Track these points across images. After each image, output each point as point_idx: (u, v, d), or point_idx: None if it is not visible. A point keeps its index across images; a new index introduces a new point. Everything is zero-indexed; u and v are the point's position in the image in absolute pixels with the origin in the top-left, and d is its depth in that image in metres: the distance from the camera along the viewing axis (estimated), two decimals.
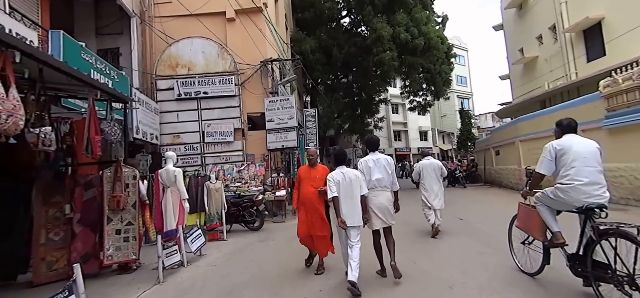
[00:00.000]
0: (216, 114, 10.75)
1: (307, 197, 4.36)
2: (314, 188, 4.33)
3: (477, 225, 7.00)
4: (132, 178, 5.28)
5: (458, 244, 5.51)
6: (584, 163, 3.13)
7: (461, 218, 7.68)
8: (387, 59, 15.17)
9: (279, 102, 9.86)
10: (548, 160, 3.37)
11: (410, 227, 6.94)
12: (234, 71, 10.85)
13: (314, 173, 4.47)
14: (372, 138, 4.46)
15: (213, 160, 10.66)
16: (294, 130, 9.64)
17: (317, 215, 4.31)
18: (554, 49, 15.59)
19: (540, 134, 12.07)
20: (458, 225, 7.01)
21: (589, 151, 3.20)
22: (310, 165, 4.64)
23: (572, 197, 3.10)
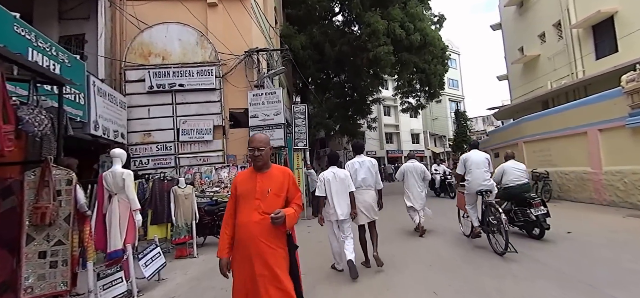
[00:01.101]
0: (193, 109, 9.50)
1: (247, 234, 2.25)
2: (260, 215, 2.26)
3: None
4: (66, 183, 4.01)
5: (440, 240, 6.15)
6: (477, 167, 5.36)
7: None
8: (384, 53, 14.28)
9: (265, 96, 8.70)
10: (461, 166, 5.64)
11: (397, 224, 7.58)
12: (215, 62, 9.64)
13: (263, 183, 2.35)
14: (358, 142, 5.09)
15: (189, 162, 9.40)
16: (281, 127, 8.48)
17: (266, 268, 2.21)
18: (558, 46, 14.89)
19: (548, 134, 11.26)
20: (445, 226, 7.22)
21: (480, 160, 5.41)
22: (255, 167, 2.44)
23: (472, 186, 5.36)
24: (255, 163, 2.40)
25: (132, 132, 9.18)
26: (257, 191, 2.31)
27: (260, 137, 2.45)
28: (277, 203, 2.32)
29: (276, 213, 2.19)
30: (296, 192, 2.46)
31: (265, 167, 2.43)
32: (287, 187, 2.40)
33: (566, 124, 10.42)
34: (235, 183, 2.49)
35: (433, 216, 7.02)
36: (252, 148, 2.39)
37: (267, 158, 2.42)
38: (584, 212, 8.28)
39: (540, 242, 5.44)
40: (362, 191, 4.50)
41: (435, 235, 6.48)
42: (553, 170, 10.91)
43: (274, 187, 2.35)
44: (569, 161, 10.36)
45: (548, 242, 5.45)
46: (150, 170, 9.08)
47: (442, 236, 6.37)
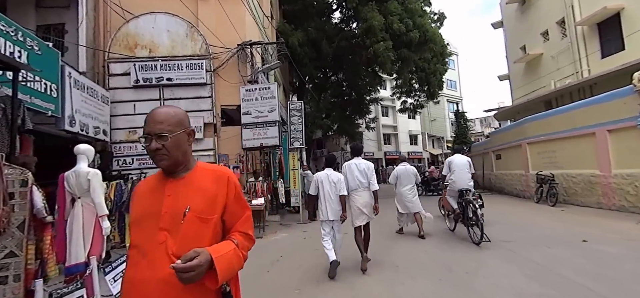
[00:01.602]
0: (183, 105, 8.89)
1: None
2: (169, 260, 1.13)
3: None
4: (21, 184, 3.45)
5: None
6: (459, 168, 6.27)
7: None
8: (382, 49, 13.77)
9: (258, 91, 8.17)
10: (446, 168, 6.55)
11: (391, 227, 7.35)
12: (206, 55, 9.09)
13: (176, 198, 1.24)
14: (357, 145, 5.18)
15: None
16: (275, 125, 7.96)
17: None
18: (562, 45, 14.51)
19: (553, 135, 10.83)
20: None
21: (463, 163, 6.35)
22: (165, 172, 1.31)
23: (455, 185, 6.24)
24: (156, 162, 1.27)
25: (116, 129, 8.61)
26: (163, 214, 1.21)
27: (161, 114, 1.28)
28: (200, 235, 1.21)
29: (189, 258, 1.06)
30: (242, 211, 1.36)
31: (178, 168, 1.30)
32: (224, 203, 1.29)
33: (573, 125, 9.99)
34: (134, 200, 1.37)
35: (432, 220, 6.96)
36: (146, 133, 1.26)
37: (177, 153, 1.27)
38: (594, 217, 7.84)
39: (558, 253, 4.97)
40: (359, 192, 4.68)
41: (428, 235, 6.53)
42: (558, 173, 10.47)
43: (197, 202, 1.24)
44: (575, 163, 9.93)
45: (565, 252, 4.98)
46: (135, 170, 8.50)
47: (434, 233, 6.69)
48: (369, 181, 4.67)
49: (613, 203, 8.45)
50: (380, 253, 5.31)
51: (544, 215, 8.33)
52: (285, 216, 10.01)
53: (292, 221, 9.23)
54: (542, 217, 8.07)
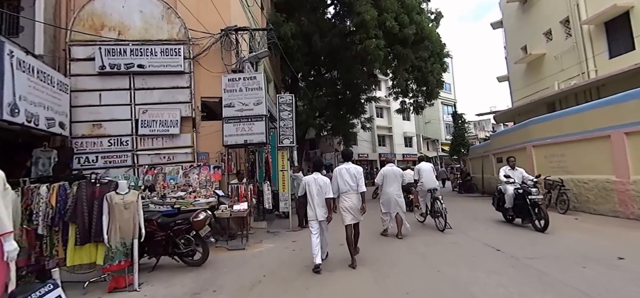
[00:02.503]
0: (156, 96, 7.90)
1: None
2: None
3: None
4: None
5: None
6: (426, 173, 7.56)
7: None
8: (372, 47, 12.92)
9: (243, 81, 7.16)
10: (416, 174, 7.69)
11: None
12: (185, 40, 8.07)
13: None
14: (347, 151, 5.64)
15: (150, 160, 7.77)
16: (262, 119, 6.96)
17: None
18: (567, 45, 13.88)
19: (562, 138, 10.09)
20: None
21: (429, 168, 7.72)
22: None
23: (425, 186, 7.47)
24: None
25: (77, 122, 7.52)
26: None
27: None
28: None
29: None
30: None
31: None
32: None
33: (584, 127, 9.27)
34: None
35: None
36: None
37: None
38: (615, 227, 7.07)
39: (599, 276, 4.10)
40: (349, 194, 4.99)
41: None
42: (568, 178, 9.74)
43: None
44: (587, 168, 9.20)
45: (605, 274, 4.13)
46: (99, 169, 7.42)
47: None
48: (357, 184, 5.01)
49: (632, 212, 7.71)
50: (365, 251, 5.54)
51: (559, 224, 7.52)
52: (273, 222, 9.02)
53: (280, 228, 8.24)
54: (558, 227, 7.26)
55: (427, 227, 7.48)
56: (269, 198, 7.51)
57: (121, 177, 6.82)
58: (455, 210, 10.38)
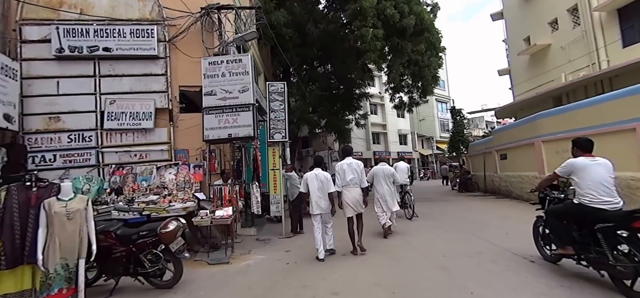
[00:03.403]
0: (126, 84, 6.80)
1: None
2: None
3: None
4: None
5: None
6: (400, 171, 8.37)
7: None
8: (369, 36, 12.05)
9: (226, 65, 6.11)
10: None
11: None
12: (158, 20, 6.99)
13: None
14: (347, 147, 5.76)
15: (118, 159, 6.67)
16: (249, 109, 5.93)
17: None
18: (574, 34, 13.18)
19: (576, 131, 9.28)
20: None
21: (404, 167, 8.79)
22: None
23: (398, 181, 7.24)
24: None
25: (30, 115, 6.38)
26: None
27: None
28: None
29: None
30: None
31: None
32: None
33: (602, 119, 8.52)
34: None
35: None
36: None
37: None
38: None
39: None
40: (350, 188, 5.20)
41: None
42: None
43: None
44: None
45: None
46: (57, 169, 6.31)
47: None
48: (359, 178, 5.24)
49: None
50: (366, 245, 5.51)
51: None
52: (263, 228, 8.01)
53: (271, 234, 7.25)
54: None
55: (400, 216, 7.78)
56: (257, 202, 6.47)
57: (82, 179, 5.75)
58: (457, 220, 9.48)
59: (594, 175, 3.54)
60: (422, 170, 35.51)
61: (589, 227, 3.50)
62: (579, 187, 3.61)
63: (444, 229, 7.13)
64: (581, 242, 3.61)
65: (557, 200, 4.28)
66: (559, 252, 3.94)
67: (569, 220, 3.79)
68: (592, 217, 3.44)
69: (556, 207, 4.10)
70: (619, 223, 3.21)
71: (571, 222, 3.76)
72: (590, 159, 3.73)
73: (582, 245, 3.58)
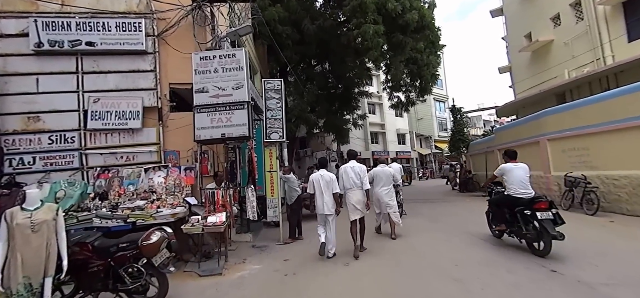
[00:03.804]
0: (111, 81, 6.36)
1: None
2: None
3: None
4: None
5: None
6: (394, 171, 7.34)
7: None
8: (371, 33, 11.67)
9: (218, 60, 5.68)
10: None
11: None
12: (146, 12, 6.56)
13: None
14: (351, 151, 5.98)
15: (103, 161, 6.23)
16: (244, 107, 5.51)
17: None
18: (578, 29, 12.88)
19: (584, 129, 9.02)
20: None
21: (397, 167, 9.13)
22: None
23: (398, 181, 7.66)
24: None
25: (7, 115, 5.93)
26: None
27: None
28: None
29: None
30: None
31: None
32: None
33: (613, 115, 8.21)
34: None
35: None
36: None
37: None
38: None
39: None
40: (354, 191, 5.35)
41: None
42: (593, 174, 8.66)
43: None
44: (618, 163, 8.14)
45: None
46: (37, 173, 5.86)
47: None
48: (361, 181, 5.33)
49: None
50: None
51: (598, 230, 6.40)
52: (259, 233, 7.59)
53: (268, 240, 6.83)
54: (599, 233, 6.12)
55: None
56: (253, 207, 6.04)
57: (62, 183, 5.30)
58: (461, 221, 9.13)
59: (516, 175, 5.04)
60: (420, 169, 35.18)
61: (513, 210, 5.04)
62: (507, 183, 5.13)
63: (448, 232, 6.77)
64: (510, 220, 5.17)
65: (497, 192, 5.86)
66: (498, 229, 5.61)
67: (502, 206, 5.34)
68: (514, 203, 4.99)
69: (495, 197, 5.76)
70: (527, 206, 4.79)
71: (503, 207, 5.31)
72: (514, 164, 5.19)
73: (510, 223, 5.18)
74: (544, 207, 4.63)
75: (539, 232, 4.59)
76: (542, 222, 4.51)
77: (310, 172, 17.85)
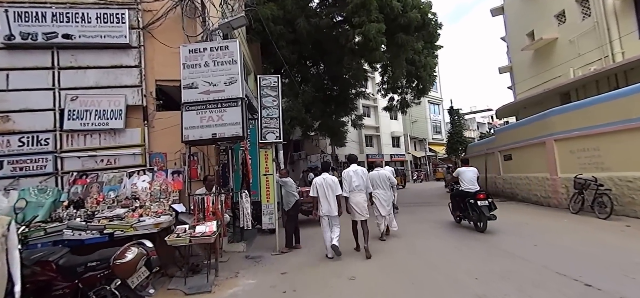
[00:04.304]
0: (91, 78, 5.81)
1: None
2: None
3: None
4: None
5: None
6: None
7: None
8: (374, 32, 11.31)
9: (209, 53, 5.16)
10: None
11: None
12: (131, 3, 6.02)
13: None
14: (352, 155, 6.31)
15: (81, 165, 5.64)
16: (237, 104, 4.99)
17: None
18: (584, 26, 12.58)
19: (595, 129, 8.67)
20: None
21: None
22: None
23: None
24: None
25: None
26: None
27: None
28: None
29: None
30: None
31: None
32: None
33: (626, 114, 7.87)
34: None
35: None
36: None
37: None
38: None
39: None
40: (356, 194, 5.58)
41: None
42: (605, 176, 8.29)
43: None
44: (631, 164, 7.79)
45: None
46: (4, 178, 5.27)
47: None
48: (364, 184, 5.66)
49: None
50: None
51: (616, 236, 6.01)
52: (253, 241, 7.04)
53: (263, 249, 6.29)
54: (619, 240, 5.70)
55: None
56: (247, 215, 5.48)
57: (32, 191, 4.72)
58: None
59: (467, 176, 6.96)
60: (415, 172, 34.88)
61: (464, 201, 6.93)
62: (461, 182, 7.02)
63: (457, 239, 6.33)
64: (463, 208, 7.09)
65: (456, 188, 7.52)
66: (456, 214, 7.53)
67: (458, 198, 7.27)
68: (466, 196, 6.83)
69: (454, 192, 7.58)
70: (472, 197, 6.65)
71: (459, 199, 7.22)
72: (467, 168, 7.20)
73: (463, 210, 7.14)
74: (483, 198, 6.56)
75: (479, 215, 6.54)
76: (481, 208, 6.45)
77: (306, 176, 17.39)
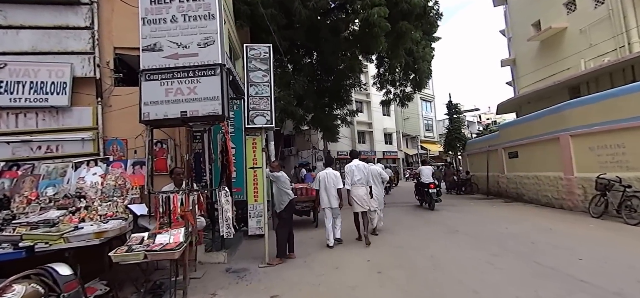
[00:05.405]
0: (26, 40, 4.50)
1: None
2: None
3: None
4: None
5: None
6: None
7: None
8: (376, 17, 10.41)
9: (178, 5, 3.91)
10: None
11: None
12: None
13: None
14: (354, 151, 7.13)
15: (11, 152, 4.34)
16: (214, 73, 3.77)
17: None
18: (597, 14, 11.86)
19: (618, 123, 7.88)
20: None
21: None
22: None
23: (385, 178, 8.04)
24: None
25: None
26: None
27: None
28: None
29: None
30: None
31: None
32: None
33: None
34: None
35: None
36: None
37: None
38: None
39: None
40: (357, 187, 5.94)
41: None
42: (631, 176, 7.50)
43: None
44: None
45: None
46: None
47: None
48: (366, 178, 6.10)
49: None
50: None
51: None
52: (238, 247, 5.86)
53: (248, 260, 5.13)
54: None
55: None
56: (227, 220, 4.22)
57: None
58: (483, 231, 7.82)
59: (425, 172, 10.45)
60: (407, 170, 34.24)
61: (423, 190, 10.42)
62: (421, 176, 10.53)
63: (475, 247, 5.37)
64: (423, 195, 10.61)
65: (418, 180, 10.94)
66: (418, 198, 11.20)
67: (420, 187, 10.81)
68: (423, 186, 10.34)
69: (417, 183, 11.16)
70: (426, 186, 10.15)
71: (420, 188, 10.78)
72: (425, 167, 10.89)
73: (423, 196, 10.65)
74: (433, 188, 9.88)
75: (430, 200, 9.91)
76: (431, 195, 9.83)
77: (299, 172, 16.18)
